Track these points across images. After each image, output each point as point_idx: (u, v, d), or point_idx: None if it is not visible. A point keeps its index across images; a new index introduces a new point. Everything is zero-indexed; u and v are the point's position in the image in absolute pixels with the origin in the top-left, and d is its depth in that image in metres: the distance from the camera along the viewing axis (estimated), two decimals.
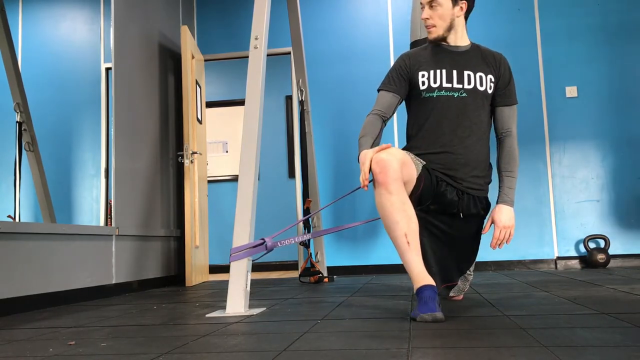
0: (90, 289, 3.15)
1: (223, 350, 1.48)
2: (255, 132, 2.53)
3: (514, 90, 2.29)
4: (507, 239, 2.18)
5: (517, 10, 4.74)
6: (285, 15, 4.90)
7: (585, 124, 4.56)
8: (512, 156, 2.25)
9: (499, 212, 2.19)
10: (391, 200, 1.95)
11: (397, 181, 1.96)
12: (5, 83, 2.93)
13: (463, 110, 2.20)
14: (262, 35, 2.66)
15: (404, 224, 1.95)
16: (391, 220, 1.96)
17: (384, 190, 1.96)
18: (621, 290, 2.54)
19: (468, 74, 2.23)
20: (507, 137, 2.27)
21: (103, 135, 3.59)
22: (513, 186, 2.23)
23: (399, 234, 1.95)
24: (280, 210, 6.27)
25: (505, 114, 2.27)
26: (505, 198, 2.21)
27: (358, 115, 4.82)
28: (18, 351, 1.60)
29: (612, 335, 1.46)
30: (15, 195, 2.92)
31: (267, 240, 2.40)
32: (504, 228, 2.17)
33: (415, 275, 1.93)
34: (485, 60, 2.27)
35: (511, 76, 2.29)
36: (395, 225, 1.95)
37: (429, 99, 2.24)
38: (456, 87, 2.22)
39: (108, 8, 3.62)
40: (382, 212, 1.99)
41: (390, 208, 1.95)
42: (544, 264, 4.47)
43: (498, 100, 2.27)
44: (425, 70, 2.25)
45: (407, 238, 1.94)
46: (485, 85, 2.23)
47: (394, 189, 1.95)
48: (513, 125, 2.27)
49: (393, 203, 1.95)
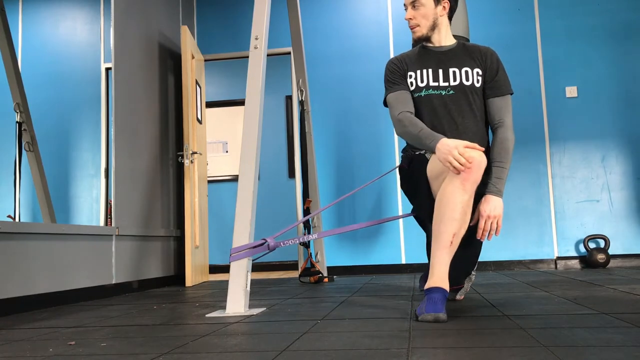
0: (90, 289, 3.15)
1: (223, 350, 1.48)
2: (255, 132, 2.53)
3: (505, 81, 2.26)
4: (494, 229, 2.11)
5: (517, 10, 4.73)
6: (285, 15, 4.91)
7: (585, 124, 4.56)
8: (503, 147, 2.19)
9: (485, 202, 2.13)
10: (463, 198, 1.92)
11: (475, 184, 1.93)
12: (5, 83, 2.93)
13: (453, 108, 2.21)
14: (262, 35, 2.66)
15: (459, 225, 1.93)
16: (450, 216, 1.92)
17: (461, 185, 1.92)
18: (621, 290, 2.54)
19: (453, 71, 2.24)
20: (500, 127, 2.22)
21: (103, 135, 3.59)
22: (503, 177, 2.17)
23: (449, 230, 1.92)
24: (280, 210, 6.27)
25: (496, 105, 2.25)
26: (493, 188, 2.14)
27: (358, 115, 4.82)
28: (18, 351, 1.60)
29: (612, 335, 1.46)
30: (15, 195, 2.92)
31: (269, 240, 2.40)
32: (488, 218, 2.10)
33: (436, 273, 1.92)
34: (470, 55, 2.28)
35: (499, 67, 2.27)
36: (451, 221, 1.92)
37: (417, 99, 2.26)
38: (442, 86, 2.23)
39: (108, 8, 3.62)
40: (446, 203, 1.94)
41: (458, 205, 1.92)
42: (544, 264, 4.47)
43: (488, 92, 2.26)
44: (412, 71, 2.28)
45: (453, 238, 1.92)
46: (472, 79, 2.23)
47: (469, 190, 1.92)
48: (506, 116, 2.23)
49: (463, 201, 1.92)
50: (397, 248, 4.64)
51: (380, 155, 4.76)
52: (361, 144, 4.80)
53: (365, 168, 4.77)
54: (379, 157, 4.76)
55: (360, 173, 4.77)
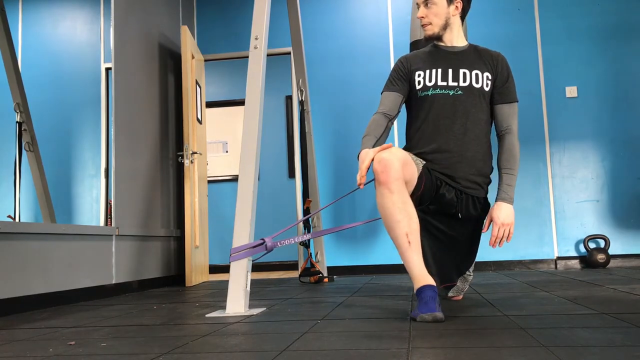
0: (90, 289, 3.15)
1: (223, 350, 1.48)
2: (255, 132, 2.53)
3: (513, 88, 2.29)
4: (506, 236, 2.15)
5: (517, 10, 4.74)
6: (285, 15, 4.90)
7: (585, 124, 4.56)
8: (511, 154, 2.23)
9: (498, 210, 2.17)
10: (392, 199, 1.95)
11: (398, 180, 1.95)
12: (5, 83, 2.93)
13: (459, 108, 2.21)
14: (262, 35, 2.66)
15: (405, 223, 1.94)
16: (392, 220, 1.96)
17: (385, 190, 1.96)
18: (621, 290, 2.54)
19: (464, 72, 2.24)
20: (507, 134, 2.25)
21: (103, 135, 3.59)
22: (512, 183, 2.21)
23: (400, 233, 1.95)
24: (280, 210, 6.27)
25: (504, 112, 2.27)
26: (504, 195, 2.18)
27: (358, 115, 4.82)
28: (18, 351, 1.60)
29: (612, 335, 1.46)
30: (15, 195, 2.92)
31: (267, 241, 2.40)
32: (502, 225, 2.14)
33: (415, 275, 1.93)
34: (482, 59, 2.28)
35: (509, 74, 2.29)
36: (396, 225, 1.95)
37: (424, 98, 2.26)
38: (451, 85, 2.23)
39: (108, 8, 3.62)
40: (383, 211, 1.98)
41: (392, 207, 1.95)
42: (544, 264, 4.47)
43: (497, 98, 2.27)
44: (422, 70, 2.28)
45: (408, 237, 1.94)
46: (482, 83, 2.24)
47: (395, 188, 1.95)
48: (513, 123, 2.26)
49: (394, 202, 1.94)
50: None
51: None
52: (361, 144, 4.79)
53: None
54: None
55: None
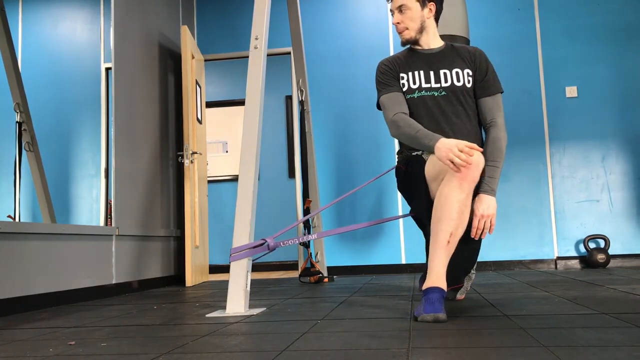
0: (90, 289, 3.15)
1: (223, 350, 1.48)
2: (255, 132, 2.53)
3: (495, 80, 2.29)
4: (487, 228, 2.12)
5: (517, 10, 4.74)
6: (285, 15, 4.90)
7: (585, 124, 4.56)
8: (496, 146, 2.21)
9: (479, 201, 2.14)
10: (460, 197, 1.93)
11: (473, 184, 1.95)
12: (5, 83, 2.93)
13: (445, 108, 2.24)
14: (262, 35, 2.66)
15: (456, 225, 1.93)
16: (448, 215, 1.93)
17: (458, 184, 1.93)
18: (621, 290, 2.54)
19: (444, 72, 2.27)
20: (492, 127, 2.25)
21: (103, 135, 3.59)
22: (496, 176, 2.18)
23: (446, 229, 1.93)
24: (280, 210, 6.27)
25: (487, 105, 2.27)
26: (486, 187, 2.15)
27: (358, 115, 4.82)
28: (18, 351, 1.60)
29: (612, 335, 1.46)
30: (15, 195, 2.92)
31: (269, 240, 2.40)
32: (482, 217, 2.11)
33: (434, 273, 1.92)
34: (460, 56, 2.31)
35: (488, 66, 2.30)
36: (448, 220, 1.93)
37: (410, 101, 2.28)
38: (435, 87, 2.26)
39: (108, 8, 3.62)
40: (443, 201, 1.95)
41: (455, 204, 1.93)
42: (544, 264, 4.47)
43: (479, 92, 2.29)
44: (404, 73, 2.30)
45: (450, 237, 1.93)
46: (463, 80, 2.26)
47: (467, 189, 1.94)
48: (498, 115, 2.26)
49: (460, 201, 1.93)
50: (397, 248, 4.64)
51: (380, 155, 4.76)
52: (361, 143, 4.80)
53: (365, 168, 4.77)
54: (379, 156, 4.76)
55: (360, 173, 4.77)
